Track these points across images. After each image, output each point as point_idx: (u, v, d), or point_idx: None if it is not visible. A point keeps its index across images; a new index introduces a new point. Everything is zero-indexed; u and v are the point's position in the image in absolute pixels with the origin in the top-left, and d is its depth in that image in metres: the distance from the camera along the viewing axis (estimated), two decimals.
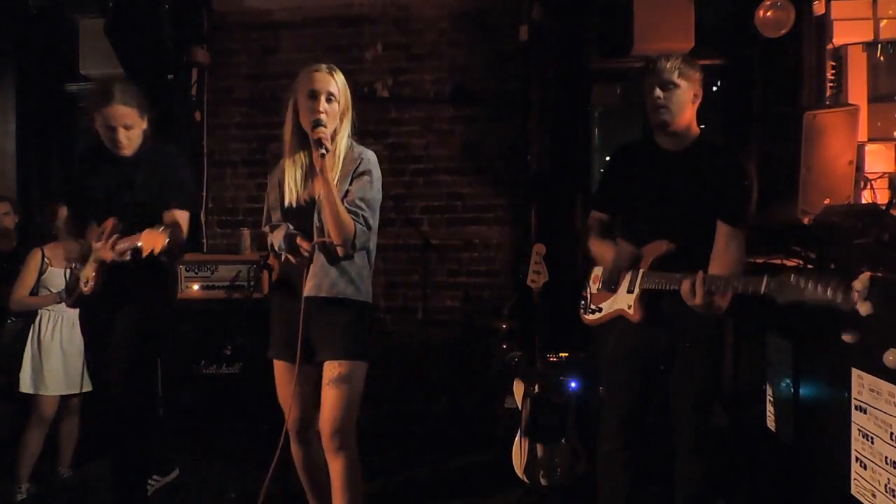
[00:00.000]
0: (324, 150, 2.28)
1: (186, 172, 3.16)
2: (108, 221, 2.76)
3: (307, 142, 2.41)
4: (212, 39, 5.00)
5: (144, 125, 2.94)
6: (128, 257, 2.61)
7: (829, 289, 1.79)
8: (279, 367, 2.53)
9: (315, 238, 2.40)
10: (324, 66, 2.41)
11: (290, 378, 2.44)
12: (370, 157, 2.47)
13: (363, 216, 2.38)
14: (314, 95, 2.35)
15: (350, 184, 2.41)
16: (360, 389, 2.45)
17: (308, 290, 2.38)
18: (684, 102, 2.39)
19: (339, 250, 2.36)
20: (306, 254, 2.39)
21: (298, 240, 2.40)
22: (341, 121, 2.43)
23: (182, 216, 2.98)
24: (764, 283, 1.95)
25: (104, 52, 4.48)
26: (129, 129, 2.87)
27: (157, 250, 2.47)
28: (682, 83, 2.38)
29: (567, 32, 4.27)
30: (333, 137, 2.39)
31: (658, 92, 2.38)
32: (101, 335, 2.93)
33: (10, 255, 3.77)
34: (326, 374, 2.39)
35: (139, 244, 2.51)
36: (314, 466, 2.57)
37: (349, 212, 2.36)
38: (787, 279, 1.87)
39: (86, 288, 2.82)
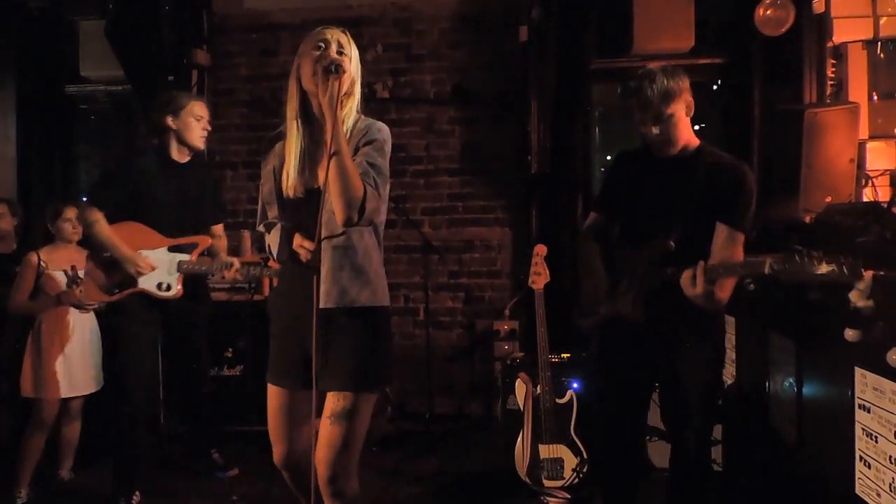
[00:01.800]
0: (336, 66, 1.87)
1: (221, 184, 3.78)
2: (206, 240, 3.40)
3: (311, 116, 2.02)
4: (211, 41, 5.01)
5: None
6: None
7: (834, 265, 1.78)
8: (274, 392, 2.12)
9: (321, 235, 1.91)
10: (334, 26, 2.05)
11: (284, 406, 2.09)
12: (379, 126, 2.07)
13: (373, 178, 1.94)
14: (324, 44, 1.97)
15: (356, 153, 2.00)
16: (366, 425, 2.06)
17: (321, 299, 1.97)
18: (680, 123, 2.30)
19: (343, 212, 1.89)
20: (309, 255, 1.95)
21: (297, 239, 2.01)
22: (350, 92, 2.02)
23: (223, 229, 3.61)
24: (767, 264, 1.93)
25: (104, 55, 4.49)
26: (204, 121, 3.36)
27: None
28: (674, 107, 2.26)
29: (567, 33, 4.27)
30: (342, 108, 1.95)
31: (654, 129, 2.28)
32: (161, 329, 3.41)
33: (9, 257, 3.76)
34: (328, 405, 2.01)
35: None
36: (307, 483, 2.05)
37: None
38: (790, 257, 1.86)
39: (168, 293, 3.26)
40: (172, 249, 3.29)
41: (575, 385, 3.44)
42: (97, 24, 4.50)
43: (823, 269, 1.80)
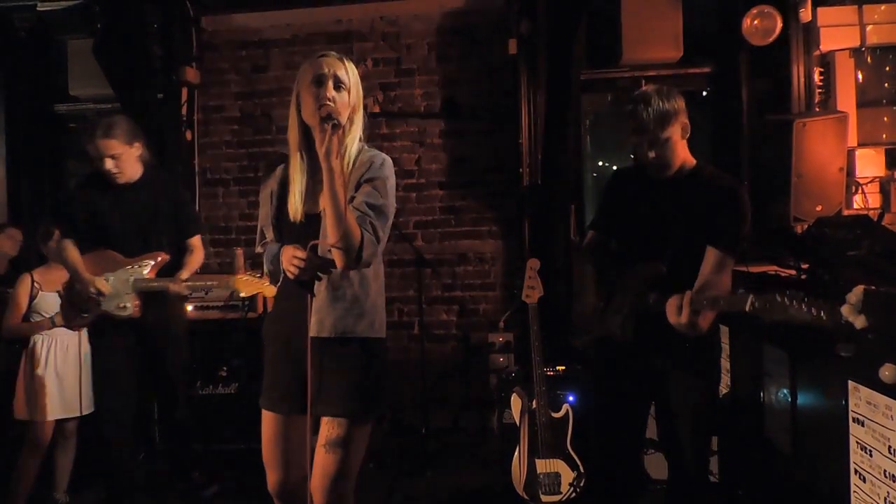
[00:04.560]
0: (333, 123, 1.82)
1: (188, 196, 3.55)
2: (161, 255, 3.24)
3: (312, 146, 1.97)
4: (201, 58, 5.01)
5: (137, 151, 3.22)
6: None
7: (813, 308, 1.77)
8: (268, 418, 2.09)
9: (319, 249, 1.95)
10: (333, 52, 2.01)
11: (279, 432, 2.07)
12: (382, 160, 2.06)
13: (371, 223, 1.94)
14: (320, 80, 1.93)
15: (357, 190, 2.00)
16: (361, 453, 2.06)
17: (311, 328, 1.98)
18: (676, 146, 2.30)
19: (340, 260, 1.91)
20: (301, 264, 1.93)
21: (287, 252, 1.96)
22: (351, 120, 2.01)
23: (200, 241, 3.47)
24: (749, 301, 1.93)
25: (93, 73, 4.48)
26: (116, 158, 3.15)
27: (269, 295, 2.64)
28: (670, 131, 2.26)
29: (556, 45, 4.27)
30: (343, 135, 1.94)
31: (650, 153, 2.28)
32: (135, 351, 3.32)
33: (1, 278, 3.75)
34: (322, 433, 2.00)
35: (239, 292, 3.01)
36: None
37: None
38: (772, 299, 1.85)
39: (124, 314, 3.16)
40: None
41: (571, 398, 3.43)
42: (85, 42, 4.48)
43: (803, 313, 1.80)
